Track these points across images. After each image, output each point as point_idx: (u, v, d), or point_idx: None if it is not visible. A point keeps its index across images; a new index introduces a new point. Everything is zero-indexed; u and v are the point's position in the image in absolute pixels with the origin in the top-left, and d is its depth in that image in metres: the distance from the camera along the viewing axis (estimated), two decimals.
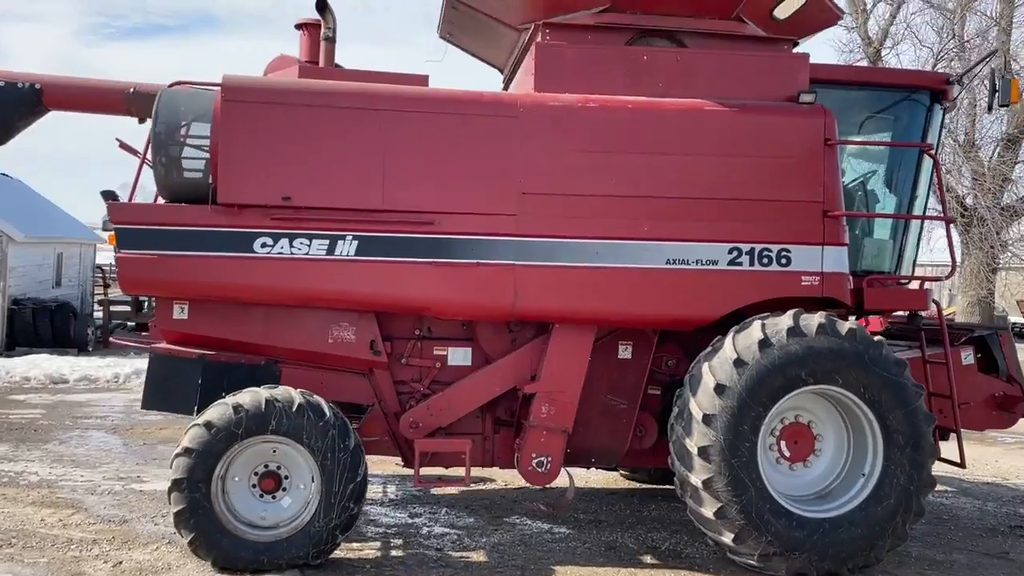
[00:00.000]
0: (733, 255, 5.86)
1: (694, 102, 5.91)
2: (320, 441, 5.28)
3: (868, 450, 5.67)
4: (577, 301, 5.82)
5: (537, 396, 5.98)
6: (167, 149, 5.62)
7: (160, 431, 10.09)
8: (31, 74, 7.11)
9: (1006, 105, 5.81)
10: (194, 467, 5.18)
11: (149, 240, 5.58)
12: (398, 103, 5.73)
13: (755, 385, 5.44)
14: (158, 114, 5.62)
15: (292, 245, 5.63)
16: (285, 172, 5.61)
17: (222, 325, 5.91)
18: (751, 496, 5.40)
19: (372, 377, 6.20)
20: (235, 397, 5.32)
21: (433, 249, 5.70)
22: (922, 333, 6.41)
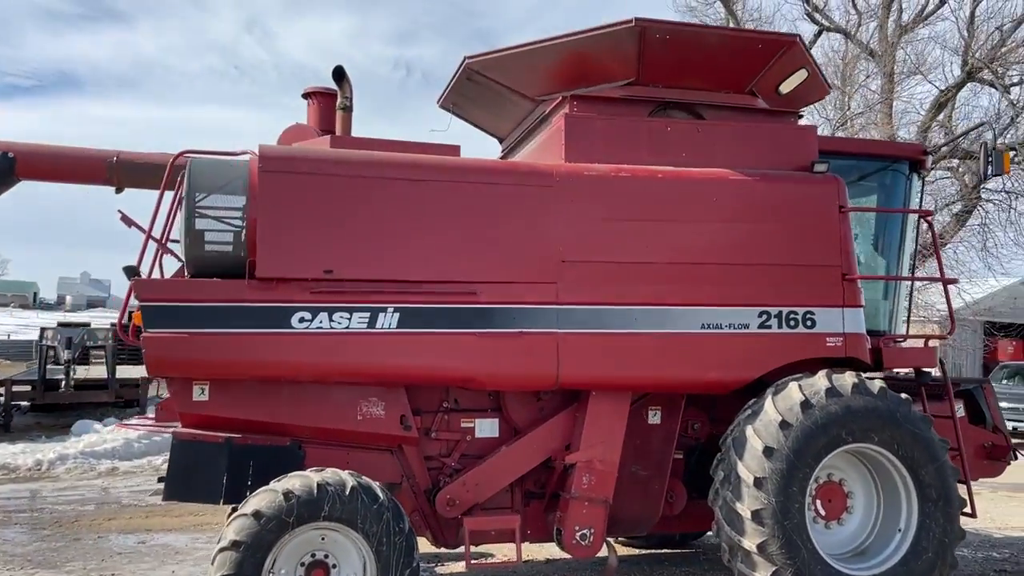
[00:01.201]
0: (763, 318, 6.02)
1: (720, 171, 6.10)
2: (375, 526, 5.01)
3: (902, 506, 5.84)
4: (618, 367, 5.82)
5: (577, 467, 5.90)
6: (199, 222, 5.32)
7: (108, 521, 9.36)
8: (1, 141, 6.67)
9: (998, 175, 6.28)
10: (243, 562, 4.80)
11: (179, 318, 5.24)
12: (440, 173, 5.67)
13: (801, 446, 5.54)
14: (191, 185, 5.33)
15: (332, 319, 5.41)
16: (325, 244, 5.42)
17: (245, 406, 5.58)
18: (803, 558, 5.45)
19: (400, 454, 5.97)
20: (282, 483, 5.00)
21: (476, 319, 5.60)
22: (923, 388, 6.71)
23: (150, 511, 10.02)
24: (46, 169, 6.77)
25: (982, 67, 20.73)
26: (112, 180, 6.93)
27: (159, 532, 8.83)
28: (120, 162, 6.86)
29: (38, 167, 6.71)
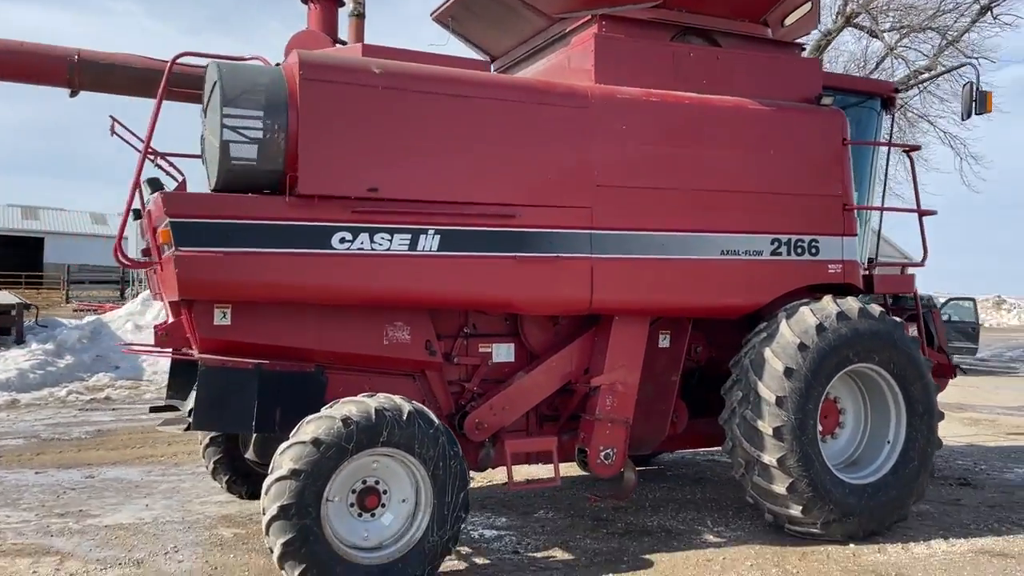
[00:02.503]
0: (775, 246, 6.25)
1: (739, 100, 6.20)
2: (432, 450, 4.92)
3: (891, 419, 6.32)
4: (646, 292, 5.90)
5: (601, 389, 5.99)
6: (230, 134, 4.87)
7: (39, 456, 8.70)
8: None
9: (981, 113, 6.73)
10: (303, 490, 4.60)
11: (214, 236, 4.84)
12: (485, 90, 5.45)
13: (817, 367, 5.86)
14: (224, 94, 4.86)
15: (373, 240, 5.16)
16: (369, 161, 5.12)
17: (269, 330, 5.28)
18: (816, 469, 5.82)
19: (423, 379, 5.85)
20: (338, 409, 4.81)
21: (515, 243, 5.50)
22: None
23: (79, 444, 9.38)
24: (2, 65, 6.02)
25: (860, 12, 21.92)
26: (73, 81, 6.26)
27: (102, 466, 8.29)
28: (82, 61, 6.20)
29: None
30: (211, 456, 6.94)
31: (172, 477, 7.89)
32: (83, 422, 10.78)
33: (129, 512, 6.62)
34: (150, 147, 5.40)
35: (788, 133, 6.32)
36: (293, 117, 4.95)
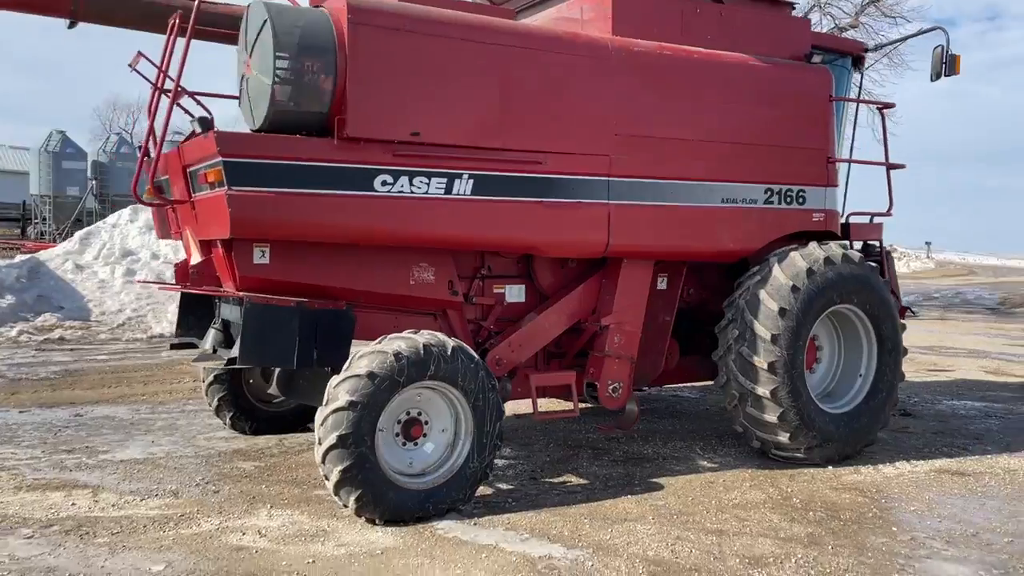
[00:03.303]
0: (767, 195, 6.71)
1: (741, 56, 6.57)
2: (473, 383, 5.23)
3: (863, 355, 6.94)
4: (656, 237, 6.29)
5: (610, 328, 6.38)
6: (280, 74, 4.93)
7: (13, 396, 8.58)
8: None
9: (951, 75, 7.28)
10: (360, 420, 4.85)
11: (264, 176, 4.94)
12: (520, 39, 5.64)
13: (806, 307, 6.39)
14: (276, 34, 4.90)
15: (412, 183, 5.35)
16: (412, 105, 5.27)
17: (304, 269, 5.44)
18: (803, 401, 6.39)
19: (443, 318, 6.11)
20: (390, 344, 5.04)
21: (541, 189, 5.77)
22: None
23: (51, 384, 9.25)
24: None
25: None
26: (76, 12, 6.14)
27: (84, 405, 8.25)
28: None
29: None
30: (215, 394, 7.05)
31: (163, 415, 7.94)
32: (45, 362, 10.56)
33: (138, 448, 6.70)
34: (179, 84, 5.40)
35: (782, 89, 6.74)
36: (341, 61, 5.05)
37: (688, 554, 4.60)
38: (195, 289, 5.67)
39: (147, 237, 15.77)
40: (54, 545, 4.60)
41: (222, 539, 4.73)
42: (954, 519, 5.33)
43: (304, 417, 7.44)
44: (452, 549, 4.63)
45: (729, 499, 5.66)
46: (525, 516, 5.18)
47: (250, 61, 5.16)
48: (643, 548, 4.68)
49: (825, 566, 4.47)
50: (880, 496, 5.82)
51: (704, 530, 5.00)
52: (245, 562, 4.41)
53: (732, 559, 4.54)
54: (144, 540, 4.70)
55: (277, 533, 4.84)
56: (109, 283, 14.31)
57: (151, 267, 14.98)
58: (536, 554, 4.56)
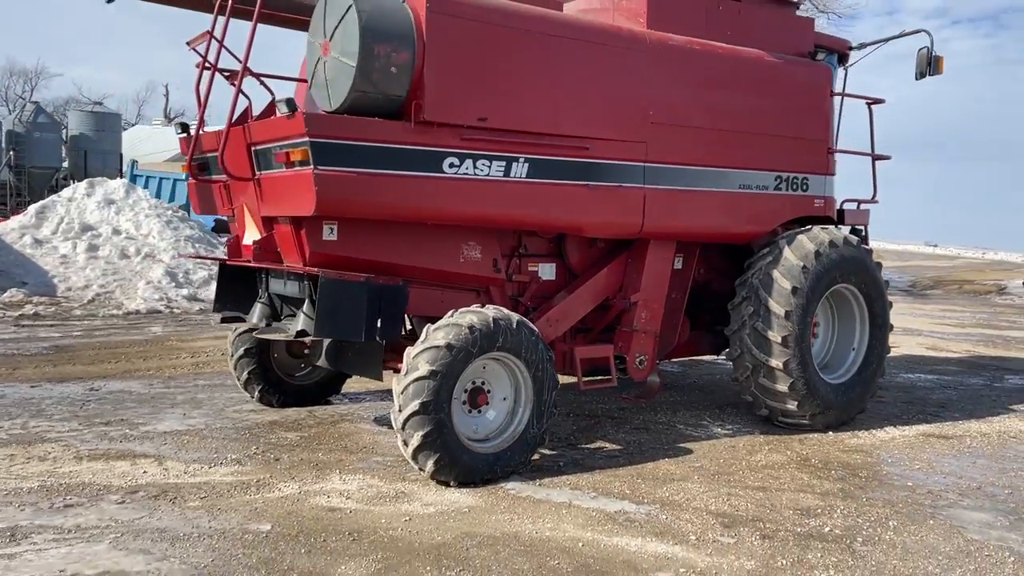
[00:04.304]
0: (777, 182, 7.25)
1: (759, 52, 7.06)
2: (533, 354, 5.59)
3: (856, 330, 7.58)
4: (684, 220, 6.75)
5: (638, 304, 6.82)
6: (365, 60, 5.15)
7: (15, 371, 8.50)
8: None
9: (934, 75, 7.93)
10: (439, 389, 5.16)
11: (347, 157, 5.17)
12: (573, 30, 5.97)
13: (814, 286, 6.96)
14: (361, 20, 5.10)
15: (475, 166, 5.65)
16: (480, 92, 5.56)
17: (367, 246, 5.70)
18: (810, 372, 6.98)
19: (486, 294, 6.43)
20: (463, 318, 5.35)
21: (587, 173, 6.14)
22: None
23: (48, 360, 9.18)
24: None
25: None
26: None
27: (92, 380, 8.25)
28: None
29: None
30: (244, 367, 7.20)
31: (180, 390, 8.02)
32: (30, 338, 10.39)
33: (174, 420, 6.82)
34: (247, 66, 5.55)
35: (791, 83, 7.27)
36: (420, 48, 5.30)
37: (745, 507, 5.09)
38: (262, 263, 5.83)
39: (105, 212, 15.45)
40: (150, 509, 4.77)
41: (311, 501, 4.98)
42: (956, 475, 5.98)
43: (327, 389, 7.68)
44: (532, 506, 5.00)
45: (755, 460, 6.18)
46: (582, 477, 5.59)
47: (329, 44, 5.34)
48: (703, 503, 5.14)
49: (868, 515, 5.02)
50: (886, 456, 6.45)
51: (748, 487, 5.51)
52: (345, 520, 4.68)
53: (785, 511, 5.05)
54: (236, 503, 4.91)
55: (360, 495, 5.12)
56: (72, 258, 14.01)
57: (113, 243, 14.72)
58: (611, 509, 4.97)
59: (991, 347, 13.67)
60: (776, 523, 4.84)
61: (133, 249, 14.64)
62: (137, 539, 4.34)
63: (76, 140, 34.90)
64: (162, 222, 15.44)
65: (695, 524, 4.77)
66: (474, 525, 4.67)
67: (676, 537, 4.57)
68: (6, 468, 5.43)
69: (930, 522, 4.95)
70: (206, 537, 4.39)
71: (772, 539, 4.59)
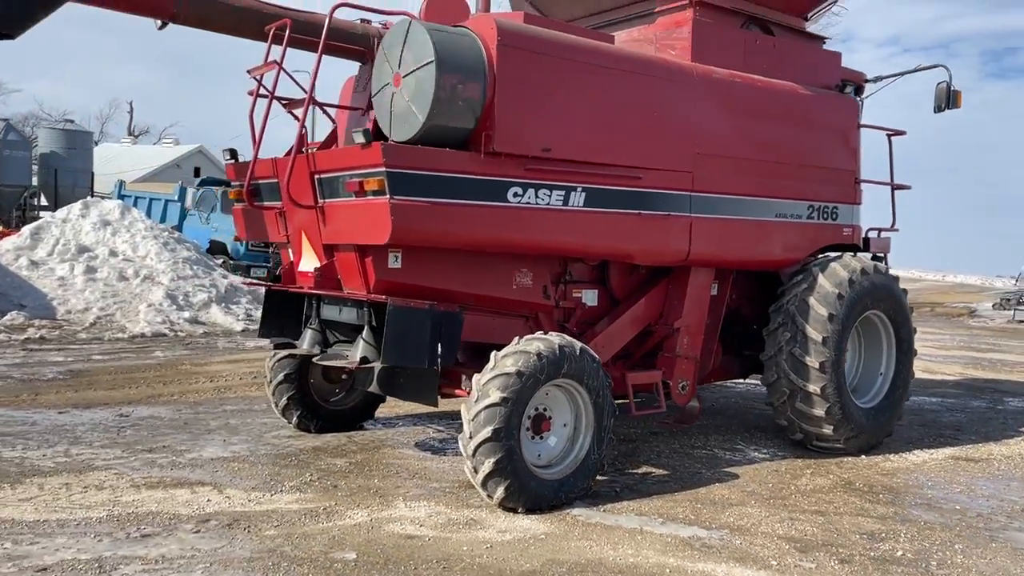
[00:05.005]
0: (810, 211, 7.45)
1: (793, 85, 7.27)
2: (595, 381, 5.67)
3: (883, 355, 7.78)
4: (726, 248, 6.90)
5: (680, 331, 6.94)
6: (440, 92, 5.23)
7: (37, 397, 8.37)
8: None
9: (952, 109, 8.21)
10: (510, 415, 5.22)
11: (421, 187, 5.24)
12: (629, 64, 6.11)
13: (849, 313, 7.14)
14: (437, 54, 5.19)
15: (537, 195, 5.74)
16: (545, 123, 5.68)
17: (429, 274, 5.78)
18: (846, 396, 7.15)
19: (535, 320, 6.51)
20: (530, 345, 5.42)
21: (638, 202, 6.27)
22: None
23: (68, 385, 9.05)
24: None
25: None
26: (177, 15, 6.21)
27: (119, 406, 8.16)
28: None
29: None
30: (284, 392, 7.19)
31: (210, 415, 7.96)
32: (41, 362, 10.23)
33: (216, 448, 6.76)
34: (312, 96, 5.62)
35: (822, 115, 7.49)
36: (490, 80, 5.40)
37: (812, 532, 5.20)
38: (322, 290, 5.86)
39: (101, 233, 15.27)
40: (228, 538, 4.75)
41: (385, 529, 4.99)
42: (997, 498, 6.16)
43: (361, 415, 7.68)
44: (605, 532, 5.06)
45: (802, 485, 6.31)
46: (642, 503, 5.66)
47: (401, 75, 5.42)
48: (769, 527, 5.25)
49: (931, 539, 5.16)
50: (924, 480, 6.62)
51: (806, 511, 5.62)
52: (428, 548, 4.70)
53: (851, 535, 5.17)
54: (311, 531, 4.91)
55: (432, 523, 5.14)
56: (70, 280, 13.81)
57: (111, 264, 14.53)
58: (683, 535, 5.05)
59: (981, 369, 14.04)
60: (847, 547, 4.95)
61: (131, 271, 14.47)
62: (227, 569, 4.32)
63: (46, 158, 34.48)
64: (159, 243, 15.29)
65: (771, 549, 4.87)
66: (556, 552, 4.71)
67: (758, 562, 4.66)
68: (66, 497, 5.36)
69: (992, 545, 5.10)
70: (295, 566, 4.39)
71: (850, 563, 4.70)
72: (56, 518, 4.97)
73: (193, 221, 19.84)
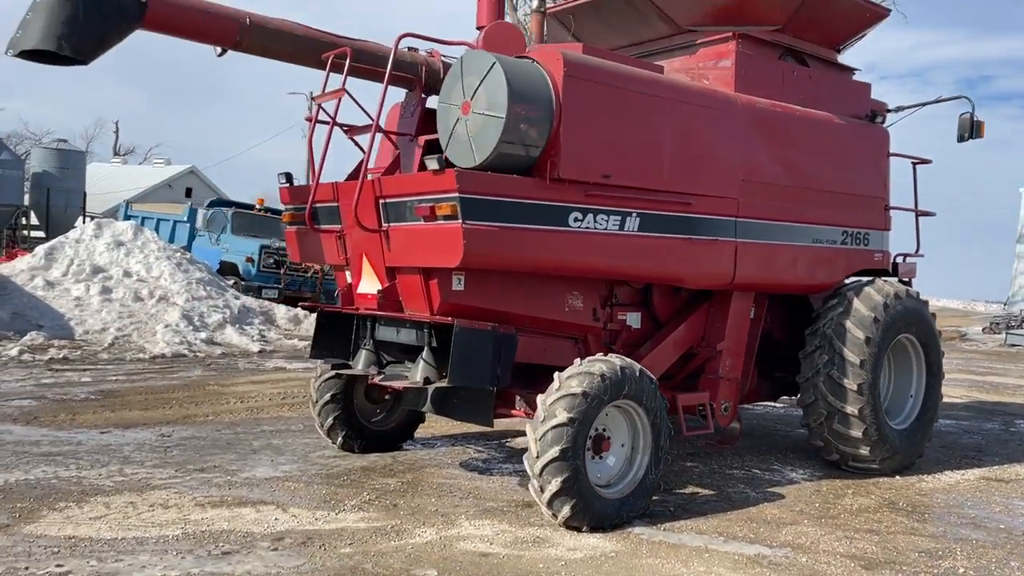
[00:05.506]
0: (844, 237, 7.65)
1: (828, 115, 7.49)
2: (653, 402, 5.81)
3: (913, 378, 7.96)
4: (768, 272, 7.08)
5: (723, 353, 7.10)
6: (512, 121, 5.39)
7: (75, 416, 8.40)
8: None
9: (975, 138, 8.47)
10: (576, 435, 5.34)
11: (491, 212, 5.39)
12: (681, 93, 6.31)
13: (884, 336, 7.33)
14: (510, 85, 5.35)
15: (595, 220, 5.90)
16: (606, 150, 5.85)
17: (490, 296, 5.91)
18: (881, 418, 7.32)
19: (584, 342, 6.65)
20: (593, 366, 5.55)
21: (689, 227, 6.44)
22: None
23: (99, 405, 9.07)
24: (178, 19, 6.02)
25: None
26: (241, 44, 6.35)
27: (159, 426, 8.21)
28: (253, 25, 6.30)
29: (169, 18, 5.96)
30: (330, 413, 7.27)
31: (250, 435, 8.02)
32: (69, 383, 10.25)
33: (266, 468, 6.83)
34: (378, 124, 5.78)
35: (856, 144, 7.71)
36: (556, 108, 5.57)
37: (872, 550, 5.33)
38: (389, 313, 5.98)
39: (115, 254, 15.30)
40: (307, 555, 4.83)
41: (458, 547, 5.09)
42: None
43: (403, 435, 7.77)
44: (672, 550, 5.17)
45: (847, 504, 6.45)
46: (700, 522, 5.78)
47: (471, 103, 5.57)
48: (829, 546, 5.38)
49: (987, 557, 5.31)
50: (962, 500, 6.78)
51: (859, 530, 5.76)
52: (506, 566, 4.79)
53: (910, 553, 5.31)
54: (386, 549, 4.99)
55: (501, 540, 5.23)
56: (86, 301, 13.82)
57: (126, 285, 14.56)
58: (749, 552, 5.17)
59: (985, 392, 14.31)
60: (910, 565, 5.09)
61: (146, 292, 14.50)
62: None
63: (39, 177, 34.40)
64: (172, 264, 15.33)
65: (838, 567, 5.00)
66: (631, 570, 4.82)
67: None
68: (136, 515, 5.42)
69: None
70: None
71: None
72: (132, 536, 5.03)
73: (203, 242, 19.90)
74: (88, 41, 5.63)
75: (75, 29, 5.51)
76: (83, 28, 5.57)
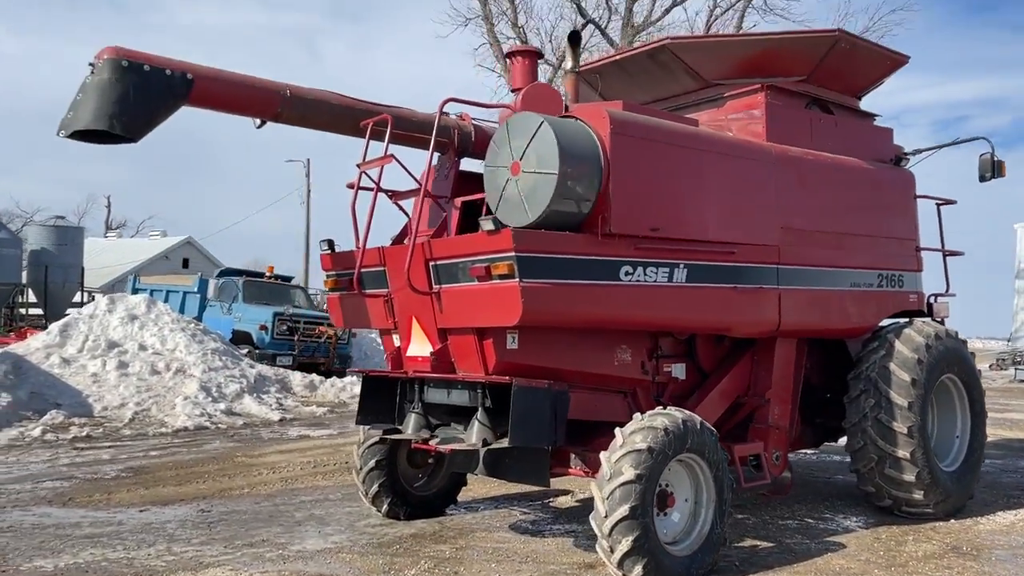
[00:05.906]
0: (879, 280, 7.68)
1: (857, 161, 7.59)
2: (715, 455, 5.74)
3: (957, 418, 7.91)
4: (809, 318, 7.08)
5: (771, 401, 7.05)
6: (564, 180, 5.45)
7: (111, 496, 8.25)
8: (179, 62, 5.94)
9: (996, 178, 8.57)
10: (645, 492, 5.27)
11: (546, 269, 5.40)
12: (721, 147, 6.40)
13: (929, 377, 7.31)
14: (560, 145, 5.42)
15: (645, 273, 5.92)
16: (653, 204, 5.90)
17: (542, 353, 5.88)
18: (932, 461, 7.25)
19: (633, 396, 6.61)
20: (655, 420, 5.50)
21: (734, 276, 6.46)
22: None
23: (132, 482, 8.92)
24: (221, 96, 6.11)
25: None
26: (280, 115, 6.43)
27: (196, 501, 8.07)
28: (293, 97, 6.39)
29: (215, 92, 6.05)
30: (375, 480, 7.16)
31: (290, 506, 7.88)
32: (98, 460, 10.09)
33: (316, 539, 6.69)
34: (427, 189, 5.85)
35: (885, 187, 7.81)
36: (604, 166, 5.63)
37: None
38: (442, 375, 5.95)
39: (129, 327, 15.23)
40: None
41: None
42: None
43: (446, 500, 7.64)
44: None
45: (911, 551, 6.35)
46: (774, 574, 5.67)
47: (520, 163, 5.62)
48: None
49: None
50: None
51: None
52: None
53: None
54: None
55: None
56: (103, 377, 13.71)
57: (142, 359, 14.46)
58: None
59: (1008, 429, 14.25)
60: None
61: (162, 365, 14.41)
62: None
63: (37, 255, 34.47)
64: (187, 336, 15.26)
65: None
66: None
67: None
68: None
69: None
70: None
71: None
72: None
73: (214, 311, 19.84)
74: (139, 120, 5.69)
75: (126, 108, 5.57)
76: (134, 107, 5.64)
